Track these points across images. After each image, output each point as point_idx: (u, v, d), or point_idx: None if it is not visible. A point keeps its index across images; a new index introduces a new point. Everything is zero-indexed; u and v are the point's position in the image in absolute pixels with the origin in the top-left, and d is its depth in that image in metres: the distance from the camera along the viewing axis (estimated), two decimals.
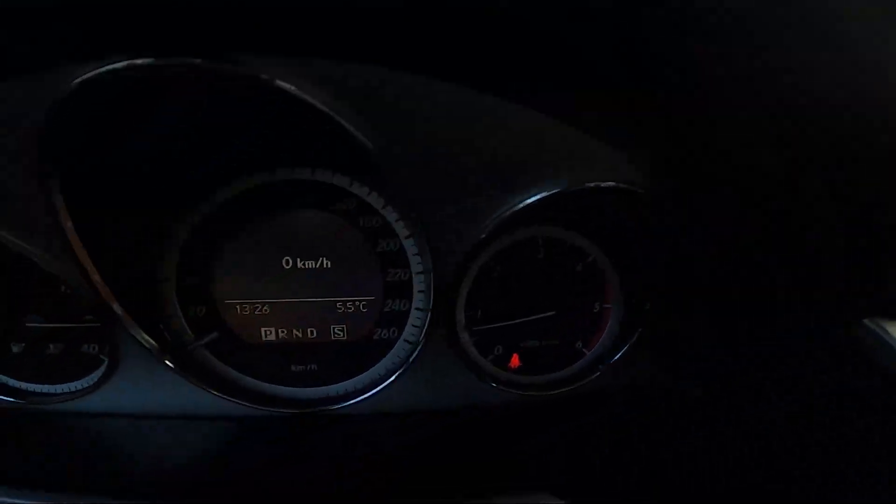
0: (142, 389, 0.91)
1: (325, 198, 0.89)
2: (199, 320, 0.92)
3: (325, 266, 0.91)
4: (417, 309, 0.93)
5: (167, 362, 0.87)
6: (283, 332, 0.93)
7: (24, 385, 0.95)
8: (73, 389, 0.95)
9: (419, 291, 0.92)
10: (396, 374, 0.88)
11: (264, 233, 0.89)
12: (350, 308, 0.93)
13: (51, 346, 0.95)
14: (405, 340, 0.94)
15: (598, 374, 0.95)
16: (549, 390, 0.96)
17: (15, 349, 0.95)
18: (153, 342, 0.85)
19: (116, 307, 0.81)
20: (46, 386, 0.95)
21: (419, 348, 0.86)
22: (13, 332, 0.92)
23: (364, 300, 0.93)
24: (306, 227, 0.90)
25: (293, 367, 0.94)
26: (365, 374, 0.95)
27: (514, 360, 0.96)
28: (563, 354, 0.98)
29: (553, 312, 0.91)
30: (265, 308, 0.92)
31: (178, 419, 0.92)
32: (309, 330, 0.94)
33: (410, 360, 0.87)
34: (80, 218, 0.74)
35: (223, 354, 0.93)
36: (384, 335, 0.94)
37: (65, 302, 0.91)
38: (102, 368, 0.92)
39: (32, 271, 0.82)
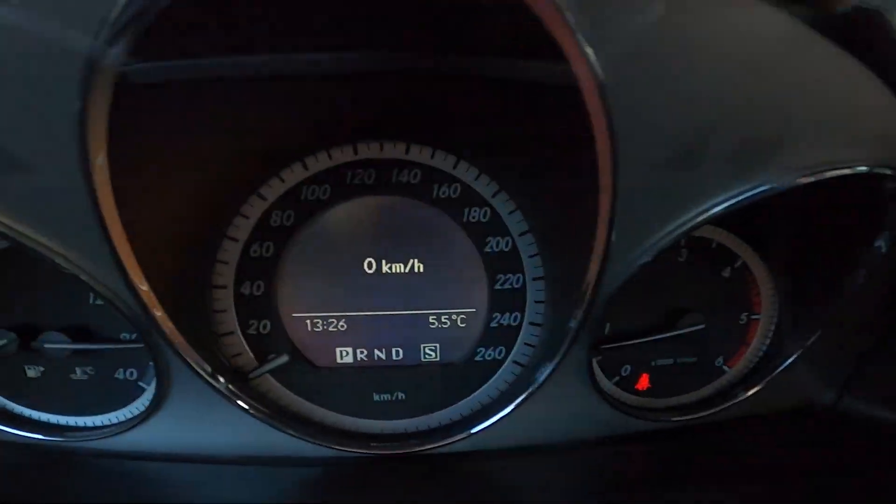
0: (193, 425, 0.74)
1: (420, 183, 0.72)
2: (261, 339, 0.75)
3: (416, 270, 0.73)
4: (532, 324, 0.75)
5: (224, 391, 0.71)
6: (362, 353, 0.76)
7: (43, 416, 0.79)
8: (104, 424, 0.78)
9: (536, 302, 0.74)
10: (516, 402, 0.69)
11: (342, 228, 0.72)
12: (446, 323, 0.76)
13: (77, 370, 0.79)
14: (514, 362, 0.76)
15: (751, 393, 0.78)
16: (689, 414, 0.78)
17: (31, 373, 0.79)
18: (207, 367, 0.69)
19: (165, 323, 0.64)
20: (73, 418, 0.79)
21: (545, 371, 0.68)
22: (28, 352, 0.76)
23: (464, 313, 0.75)
24: (394, 221, 0.72)
25: (375, 396, 0.77)
26: (461, 403, 0.77)
27: (644, 381, 0.79)
28: (700, 372, 0.81)
29: (701, 326, 0.74)
30: (341, 323, 0.75)
31: (238, 462, 0.76)
32: (395, 350, 0.76)
33: (531, 386, 0.70)
34: (121, 205, 0.56)
35: (291, 381, 0.76)
36: (488, 356, 0.76)
37: (94, 316, 0.75)
38: (146, 399, 0.76)
39: (52, 277, 0.67)
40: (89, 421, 0.79)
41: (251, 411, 0.72)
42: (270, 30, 0.57)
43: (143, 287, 0.59)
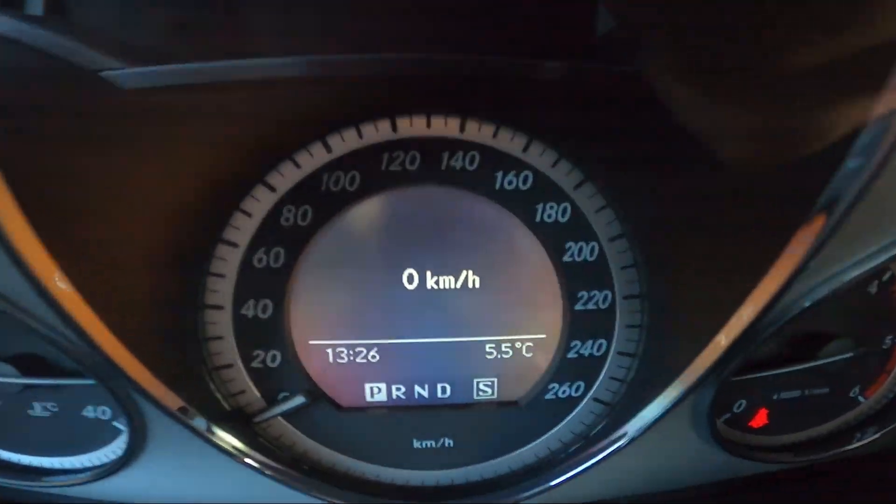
0: (182, 475, 0.59)
1: (479, 170, 0.54)
2: (269, 374, 0.58)
3: (471, 285, 0.56)
4: (623, 354, 0.59)
5: (220, 444, 0.55)
6: (399, 390, 0.60)
7: (12, 456, 0.63)
8: (80, 467, 0.62)
9: (628, 327, 0.58)
10: (605, 451, 0.54)
11: (375, 229, 0.55)
12: (507, 352, 0.59)
13: (35, 406, 0.63)
14: (595, 400, 0.60)
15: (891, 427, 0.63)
16: (816, 453, 0.62)
17: None
18: (198, 410, 0.53)
19: (121, 357, 0.47)
20: (45, 459, 0.63)
21: (646, 415, 0.52)
22: None
23: (531, 340, 0.58)
24: (443, 220, 0.55)
25: (416, 443, 0.61)
26: (524, 450, 0.61)
27: (760, 418, 0.64)
28: (829, 405, 0.65)
29: (850, 355, 0.58)
30: (372, 353, 0.58)
31: None
32: (440, 387, 0.60)
33: (623, 434, 0.54)
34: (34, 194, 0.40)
35: (308, 425, 0.60)
36: (562, 393, 0.60)
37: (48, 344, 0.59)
38: (121, 442, 0.60)
39: None
40: (65, 462, 0.64)
41: (253, 464, 0.57)
42: None
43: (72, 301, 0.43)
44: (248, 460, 0.57)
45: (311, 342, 0.58)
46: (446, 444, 0.61)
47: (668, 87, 0.45)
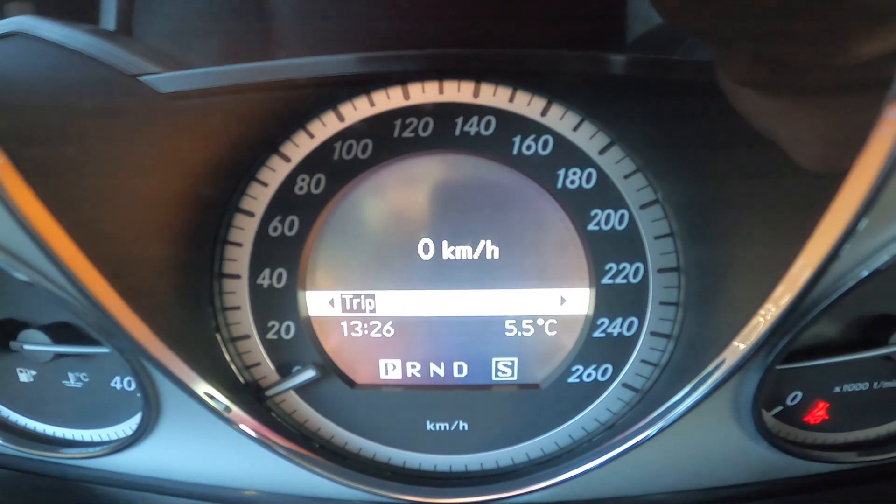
0: (191, 451, 0.59)
1: (495, 135, 0.52)
2: (283, 346, 0.57)
3: (489, 256, 0.54)
4: (656, 334, 0.54)
5: (233, 418, 0.55)
6: (414, 367, 0.57)
7: (38, 426, 0.66)
8: (98, 440, 0.64)
9: (662, 304, 0.53)
10: (631, 440, 0.49)
11: (389, 197, 0.54)
12: (528, 330, 0.56)
13: (69, 376, 0.66)
14: (624, 385, 0.56)
15: None
16: (881, 453, 0.54)
17: (23, 377, 0.66)
18: (210, 383, 0.52)
19: (135, 327, 0.47)
20: (68, 430, 0.66)
21: (682, 403, 0.47)
22: (11, 353, 0.63)
23: (555, 318, 0.54)
24: (460, 188, 0.53)
25: (429, 425, 0.58)
26: (544, 437, 0.57)
27: (818, 412, 0.57)
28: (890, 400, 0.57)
29: None
30: (387, 327, 0.56)
31: (250, 502, 0.61)
32: (457, 365, 0.57)
33: (654, 421, 0.49)
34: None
35: (320, 401, 0.59)
36: (587, 377, 0.56)
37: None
38: (138, 417, 0.62)
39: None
40: (85, 435, 0.66)
41: (264, 440, 0.55)
42: None
43: (87, 272, 0.43)
44: (259, 436, 0.56)
45: (325, 315, 0.57)
46: (461, 428, 0.58)
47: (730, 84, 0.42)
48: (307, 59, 0.51)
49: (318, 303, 0.56)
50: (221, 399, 0.54)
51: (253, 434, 0.56)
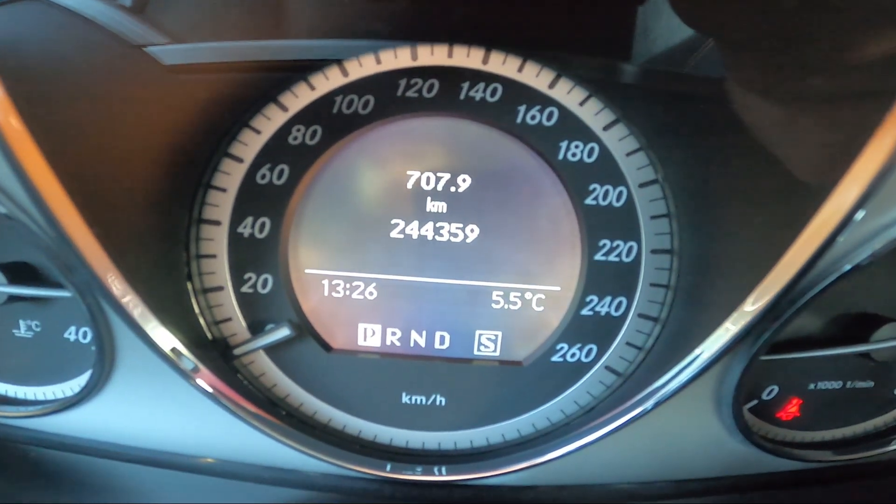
0: (146, 414, 0.55)
1: (500, 103, 0.51)
2: (258, 301, 0.54)
3: (483, 224, 0.52)
4: (644, 317, 0.53)
5: (199, 377, 0.51)
6: (394, 334, 0.55)
7: None
8: (43, 398, 0.59)
9: (652, 286, 0.52)
10: (608, 426, 0.48)
11: (385, 156, 0.52)
12: (515, 303, 0.54)
13: (20, 324, 0.60)
14: (607, 368, 0.55)
15: None
16: (853, 452, 0.55)
17: None
18: (175, 337, 0.48)
19: (102, 265, 0.44)
20: (12, 387, 0.60)
21: (662, 390, 0.46)
22: None
23: (543, 291, 0.54)
24: (459, 153, 0.52)
25: (405, 397, 0.56)
26: (522, 417, 0.56)
27: (791, 409, 0.57)
28: (869, 400, 0.57)
29: None
30: (370, 289, 0.54)
31: (203, 470, 0.56)
32: (439, 335, 0.55)
33: (632, 407, 0.48)
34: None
35: (292, 365, 0.56)
36: (571, 356, 0.54)
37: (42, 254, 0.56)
38: (87, 374, 0.56)
39: None
40: (28, 393, 0.61)
41: (227, 402, 0.52)
42: None
43: (59, 200, 0.41)
44: (222, 398, 0.53)
45: (306, 270, 0.54)
46: (438, 402, 0.56)
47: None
48: (316, 41, 0.50)
49: (300, 257, 0.54)
50: (186, 354, 0.50)
51: (215, 395, 0.52)
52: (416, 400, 0.56)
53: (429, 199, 0.52)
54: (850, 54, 0.37)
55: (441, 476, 0.54)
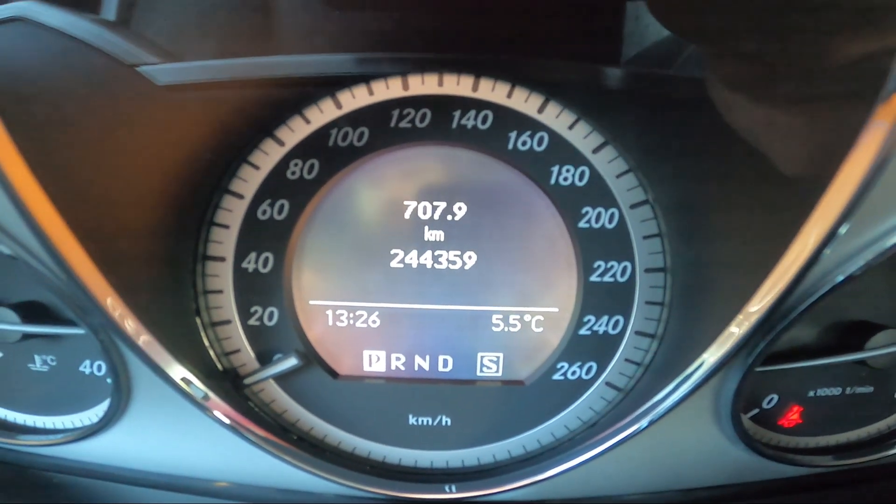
0: (163, 441, 0.57)
1: (492, 130, 0.52)
2: (265, 333, 0.56)
3: (480, 250, 0.53)
4: (641, 334, 0.54)
5: (209, 405, 0.52)
6: (398, 359, 0.57)
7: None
8: (61, 427, 0.61)
9: (647, 304, 0.54)
10: (611, 439, 0.50)
11: (382, 186, 0.53)
12: (515, 325, 0.55)
13: (36, 359, 0.63)
14: (608, 384, 0.56)
15: None
16: (855, 458, 0.56)
17: None
18: (187, 369, 0.50)
19: (114, 306, 0.46)
20: (31, 417, 0.62)
21: (663, 403, 0.48)
22: None
23: (541, 313, 0.55)
24: (453, 181, 0.53)
25: (411, 419, 0.57)
26: (527, 434, 0.57)
27: (792, 416, 0.57)
28: (871, 405, 0.58)
29: None
30: (373, 318, 0.56)
31: (219, 495, 0.58)
32: (442, 359, 0.57)
33: (634, 421, 0.49)
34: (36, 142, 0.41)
35: (300, 392, 0.57)
36: (571, 374, 0.56)
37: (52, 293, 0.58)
38: (105, 404, 0.58)
39: None
40: (47, 422, 0.63)
41: (239, 429, 0.53)
42: None
43: (70, 246, 0.42)
44: (234, 425, 0.55)
45: (310, 302, 0.56)
46: (443, 423, 0.57)
47: (717, 89, 0.43)
48: (307, 57, 0.51)
49: (303, 289, 0.56)
50: (198, 385, 0.52)
51: (228, 423, 0.54)
52: (422, 421, 0.58)
53: (426, 228, 0.53)
54: (829, 57, 0.37)
55: (450, 494, 0.56)
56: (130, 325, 0.48)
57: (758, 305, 0.44)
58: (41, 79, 0.47)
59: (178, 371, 0.51)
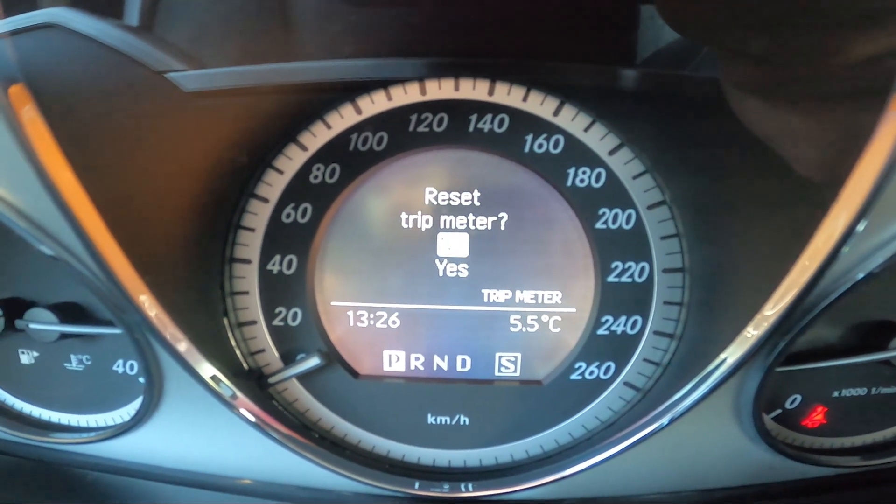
0: (191, 439, 0.59)
1: (508, 133, 0.53)
2: (288, 333, 0.58)
3: (498, 251, 0.54)
4: (659, 334, 0.55)
5: (236, 403, 0.54)
6: (418, 359, 0.58)
7: (34, 410, 0.65)
8: (94, 426, 0.64)
9: (666, 304, 0.54)
10: (629, 438, 0.50)
11: (401, 190, 0.55)
12: (533, 325, 0.56)
13: (72, 358, 0.65)
14: (626, 384, 0.56)
15: None
16: (880, 458, 0.55)
17: (24, 359, 0.66)
18: (215, 368, 0.52)
19: (149, 305, 0.48)
20: (65, 415, 0.65)
21: (682, 402, 0.48)
22: (16, 333, 0.62)
23: (559, 314, 0.55)
24: (471, 184, 0.54)
25: (430, 418, 0.58)
26: (545, 434, 0.58)
27: (816, 416, 0.57)
28: (893, 404, 0.57)
29: None
30: (393, 318, 0.57)
31: (244, 492, 0.60)
32: (461, 359, 0.58)
33: (654, 420, 0.49)
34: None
35: (322, 391, 0.59)
36: (589, 374, 0.56)
37: (88, 293, 0.60)
38: (136, 403, 0.61)
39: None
40: (81, 420, 0.66)
41: (264, 427, 0.55)
42: None
43: (110, 248, 0.44)
44: (259, 423, 0.56)
45: (332, 303, 0.57)
46: (462, 422, 0.58)
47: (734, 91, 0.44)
48: (328, 62, 0.52)
49: (326, 290, 0.57)
50: (227, 384, 0.54)
51: (254, 420, 0.56)
52: (440, 420, 0.58)
53: (444, 230, 0.54)
54: (839, 57, 0.37)
55: (468, 493, 0.56)
56: (165, 324, 0.50)
57: (777, 304, 0.44)
58: (78, 85, 0.49)
59: (207, 370, 0.52)
